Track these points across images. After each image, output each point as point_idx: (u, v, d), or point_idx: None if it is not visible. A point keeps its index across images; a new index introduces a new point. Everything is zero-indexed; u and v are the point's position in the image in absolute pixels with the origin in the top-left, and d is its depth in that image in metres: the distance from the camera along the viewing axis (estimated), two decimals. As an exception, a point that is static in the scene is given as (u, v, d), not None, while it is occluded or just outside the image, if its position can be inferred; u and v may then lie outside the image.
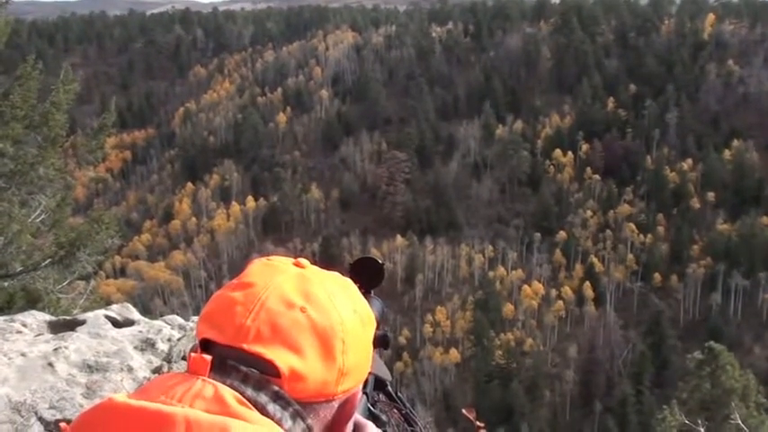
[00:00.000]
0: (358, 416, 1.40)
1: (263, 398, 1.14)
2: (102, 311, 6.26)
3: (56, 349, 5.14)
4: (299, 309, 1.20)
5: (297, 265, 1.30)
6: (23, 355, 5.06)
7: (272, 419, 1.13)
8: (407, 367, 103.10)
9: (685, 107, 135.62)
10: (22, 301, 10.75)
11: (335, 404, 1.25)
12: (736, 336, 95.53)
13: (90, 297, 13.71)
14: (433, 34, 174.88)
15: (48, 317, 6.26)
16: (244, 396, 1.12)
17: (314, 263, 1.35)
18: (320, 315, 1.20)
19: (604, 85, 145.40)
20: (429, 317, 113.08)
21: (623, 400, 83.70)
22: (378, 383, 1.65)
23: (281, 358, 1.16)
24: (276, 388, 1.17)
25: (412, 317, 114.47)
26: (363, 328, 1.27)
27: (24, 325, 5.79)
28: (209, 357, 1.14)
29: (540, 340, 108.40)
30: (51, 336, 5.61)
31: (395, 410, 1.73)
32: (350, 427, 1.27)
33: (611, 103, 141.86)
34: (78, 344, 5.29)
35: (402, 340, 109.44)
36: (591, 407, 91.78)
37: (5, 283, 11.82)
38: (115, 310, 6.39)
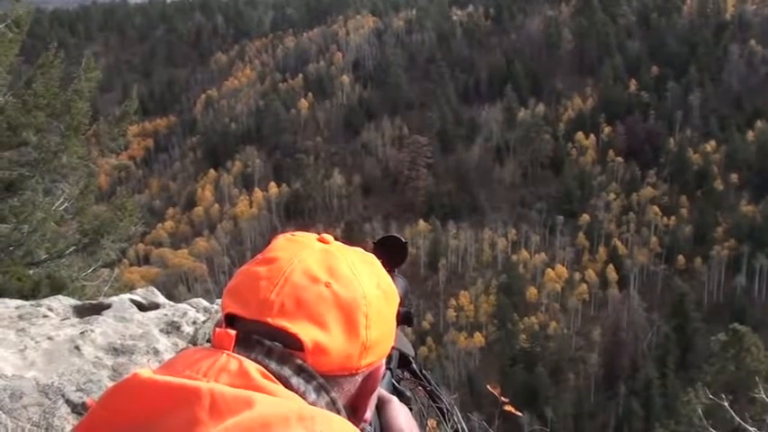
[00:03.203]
0: (382, 391, 1.42)
1: (286, 371, 1.14)
2: (127, 295, 6.33)
3: (82, 333, 5.20)
4: (324, 283, 1.19)
5: (321, 240, 1.30)
6: (50, 338, 5.12)
7: (296, 392, 1.12)
8: (431, 352, 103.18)
9: (708, 88, 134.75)
10: (47, 288, 10.83)
11: (359, 378, 1.24)
12: (760, 317, 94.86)
13: (114, 284, 13.80)
14: (454, 18, 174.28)
15: (73, 301, 6.33)
16: (267, 369, 1.12)
17: (337, 239, 1.35)
18: (344, 289, 1.19)
19: (626, 66, 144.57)
20: (452, 301, 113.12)
21: (648, 382, 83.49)
22: (402, 360, 1.64)
23: (305, 332, 1.15)
24: (299, 361, 1.16)
25: (435, 301, 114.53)
26: (387, 303, 1.26)
27: (50, 309, 5.86)
28: (233, 332, 1.14)
29: (564, 323, 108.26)
30: (77, 320, 5.67)
31: (420, 387, 1.73)
32: (373, 400, 1.26)
33: (633, 84, 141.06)
34: (104, 327, 5.35)
35: (426, 325, 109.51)
36: (615, 390, 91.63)
37: (30, 271, 11.91)
38: (140, 294, 6.46)
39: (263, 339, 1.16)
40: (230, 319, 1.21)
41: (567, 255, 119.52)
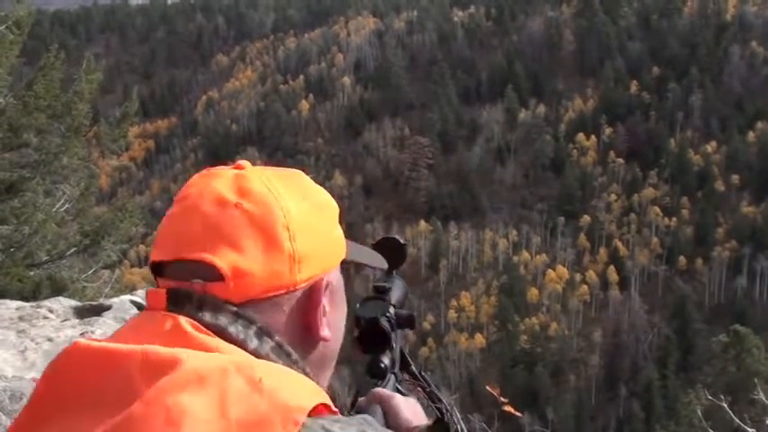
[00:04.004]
0: (384, 390, 1.39)
1: (222, 321, 1.09)
2: (127, 296, 6.35)
3: (82, 334, 5.21)
4: (234, 205, 1.13)
5: (236, 167, 1.22)
6: (50, 340, 5.14)
7: (236, 342, 1.08)
8: (432, 352, 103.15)
9: (709, 89, 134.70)
10: (48, 290, 10.85)
11: (299, 294, 1.16)
12: (761, 319, 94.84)
13: (115, 286, 13.83)
14: (455, 19, 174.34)
15: (74, 303, 6.34)
16: (202, 323, 1.08)
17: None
18: (257, 206, 1.13)
19: (627, 68, 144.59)
20: (453, 302, 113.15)
21: (648, 384, 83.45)
22: (403, 363, 1.63)
23: (222, 258, 1.09)
24: (234, 308, 1.10)
25: (436, 302, 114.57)
26: (320, 215, 1.20)
27: (51, 311, 5.88)
28: (162, 290, 1.11)
29: (565, 325, 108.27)
30: (78, 321, 5.68)
31: (419, 389, 1.70)
32: (322, 314, 1.17)
33: (634, 86, 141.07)
34: (105, 329, 5.37)
35: (427, 326, 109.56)
36: (616, 391, 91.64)
37: (31, 273, 11.93)
38: (140, 295, 6.48)
39: (192, 293, 1.11)
40: (157, 269, 1.17)
41: (568, 256, 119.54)
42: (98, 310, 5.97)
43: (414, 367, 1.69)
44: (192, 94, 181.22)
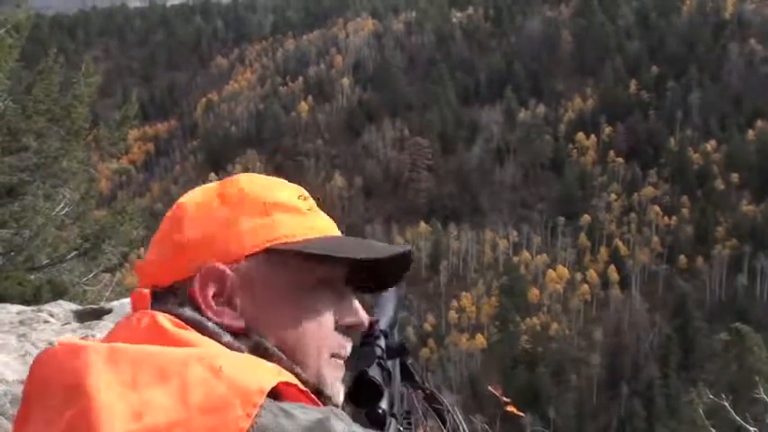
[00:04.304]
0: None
1: (198, 316, 1.14)
2: (128, 300, 6.33)
3: (83, 338, 5.19)
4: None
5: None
6: (51, 344, 5.11)
7: (212, 336, 1.11)
8: (433, 353, 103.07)
9: (708, 88, 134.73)
10: (49, 293, 10.83)
11: (196, 283, 1.18)
12: (762, 317, 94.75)
13: (116, 289, 13.82)
14: (454, 19, 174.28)
15: (74, 306, 6.34)
16: (182, 318, 1.12)
17: None
18: (171, 211, 1.25)
19: (626, 67, 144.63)
20: (454, 303, 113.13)
21: (650, 383, 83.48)
22: (404, 375, 1.56)
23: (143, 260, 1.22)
24: (181, 294, 1.17)
25: (437, 303, 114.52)
26: (220, 204, 1.22)
27: (51, 315, 5.87)
28: (146, 290, 1.16)
29: (566, 324, 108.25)
30: (78, 325, 5.68)
31: (418, 391, 1.67)
32: (207, 300, 1.16)
33: (633, 85, 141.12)
34: (105, 332, 5.34)
35: (427, 327, 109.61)
36: (617, 390, 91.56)
37: (32, 276, 11.93)
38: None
39: (176, 290, 1.17)
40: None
41: (569, 255, 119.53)
42: (99, 314, 5.97)
43: (417, 377, 1.64)
44: (191, 97, 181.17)
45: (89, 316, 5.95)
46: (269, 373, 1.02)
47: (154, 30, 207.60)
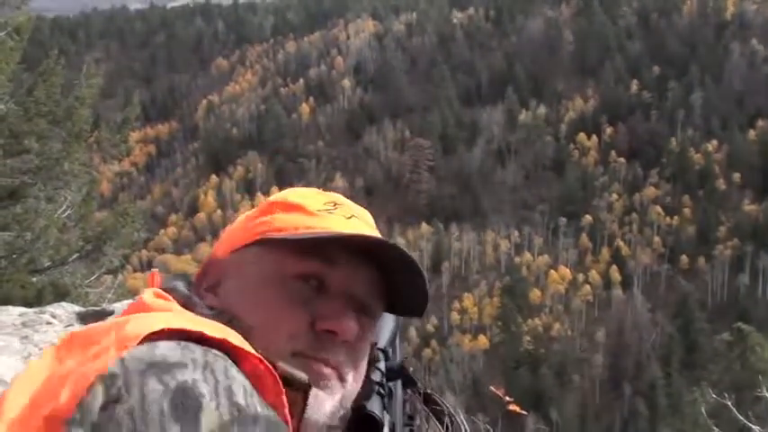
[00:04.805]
0: None
1: (183, 289, 1.19)
2: (129, 301, 6.32)
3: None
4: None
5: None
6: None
7: (194, 308, 1.13)
8: (435, 354, 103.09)
9: (709, 88, 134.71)
10: (51, 296, 10.83)
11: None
12: (764, 316, 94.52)
13: (118, 291, 13.84)
14: (454, 20, 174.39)
15: (77, 308, 6.34)
16: (175, 292, 1.16)
17: None
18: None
19: (627, 67, 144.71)
20: (456, 304, 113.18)
21: (652, 383, 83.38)
22: (406, 379, 1.52)
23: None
24: (190, 278, 1.24)
25: (439, 304, 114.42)
26: (248, 214, 1.33)
27: (54, 316, 5.87)
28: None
29: (568, 325, 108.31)
30: (81, 327, 5.66)
31: (417, 393, 1.63)
32: (206, 282, 1.25)
33: (634, 85, 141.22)
34: (107, 334, 5.34)
35: (430, 328, 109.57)
36: (620, 390, 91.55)
37: (34, 279, 11.94)
38: (143, 301, 6.45)
39: (189, 275, 1.27)
40: None
41: (570, 256, 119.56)
42: (101, 316, 5.95)
43: (419, 383, 1.60)
44: (192, 99, 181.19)
45: (91, 318, 5.94)
46: (160, 322, 0.98)
47: (155, 31, 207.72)
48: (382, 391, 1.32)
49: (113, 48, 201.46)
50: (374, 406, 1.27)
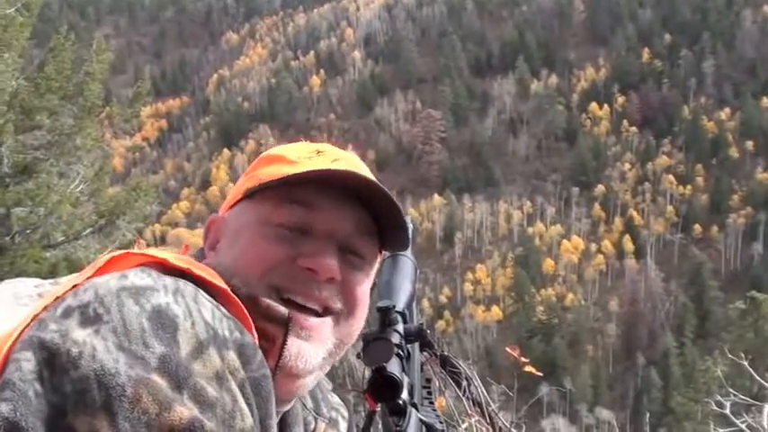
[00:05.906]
0: None
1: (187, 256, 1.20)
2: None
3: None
4: None
5: None
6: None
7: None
8: (449, 326, 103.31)
9: (721, 55, 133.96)
10: (65, 270, 10.85)
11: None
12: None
13: (131, 264, 13.83)
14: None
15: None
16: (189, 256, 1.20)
17: None
18: None
19: (639, 35, 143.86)
20: (469, 275, 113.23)
21: (666, 352, 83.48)
22: (421, 338, 1.50)
23: None
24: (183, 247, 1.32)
25: (452, 275, 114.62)
26: (243, 176, 1.38)
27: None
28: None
29: (582, 295, 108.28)
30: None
31: (433, 356, 1.62)
32: (206, 239, 1.35)
33: (646, 53, 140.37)
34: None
35: (443, 299, 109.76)
36: (633, 360, 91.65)
37: (48, 254, 11.98)
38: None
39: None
40: None
41: (583, 226, 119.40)
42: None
43: (436, 346, 1.58)
44: (202, 73, 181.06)
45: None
46: (124, 252, 1.04)
47: (164, 6, 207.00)
48: (401, 353, 1.32)
49: (123, 23, 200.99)
50: (393, 367, 1.27)
